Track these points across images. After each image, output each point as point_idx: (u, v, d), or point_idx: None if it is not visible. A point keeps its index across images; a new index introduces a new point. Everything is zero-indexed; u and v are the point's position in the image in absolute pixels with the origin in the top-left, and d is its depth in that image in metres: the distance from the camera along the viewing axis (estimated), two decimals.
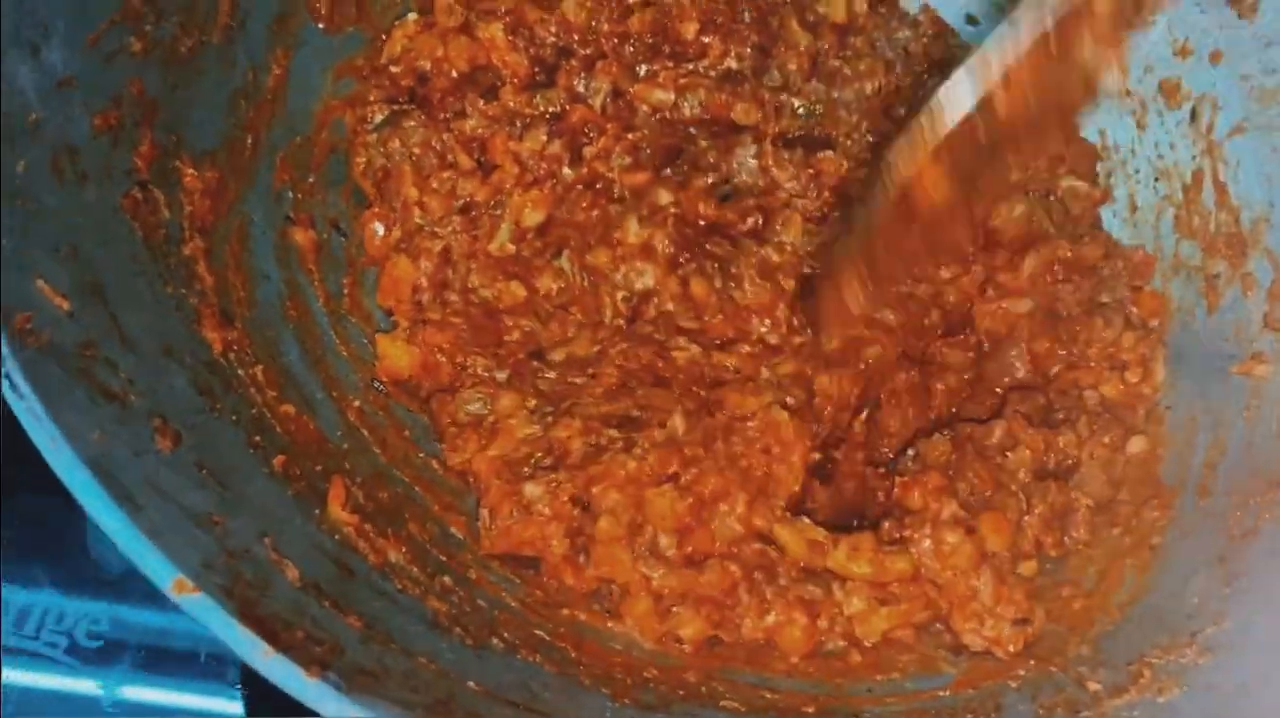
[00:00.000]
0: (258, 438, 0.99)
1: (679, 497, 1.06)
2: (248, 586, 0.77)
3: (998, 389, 1.27)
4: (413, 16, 1.34)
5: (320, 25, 1.29)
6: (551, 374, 1.16)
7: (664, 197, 1.25)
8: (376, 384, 1.18)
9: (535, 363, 1.18)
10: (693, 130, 1.33)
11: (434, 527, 1.08)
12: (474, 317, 1.19)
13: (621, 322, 1.21)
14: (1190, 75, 1.37)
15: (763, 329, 1.21)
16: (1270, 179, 1.27)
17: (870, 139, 1.38)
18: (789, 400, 1.14)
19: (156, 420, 0.87)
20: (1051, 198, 1.42)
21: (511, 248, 1.22)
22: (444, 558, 1.05)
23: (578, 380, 1.15)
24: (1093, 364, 1.27)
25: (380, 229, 1.24)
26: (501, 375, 1.17)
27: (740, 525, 1.08)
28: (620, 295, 1.21)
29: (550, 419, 1.12)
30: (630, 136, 1.29)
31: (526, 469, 1.09)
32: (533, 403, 1.13)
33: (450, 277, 1.22)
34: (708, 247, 1.22)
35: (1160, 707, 0.94)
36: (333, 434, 1.09)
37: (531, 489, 1.08)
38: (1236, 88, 1.32)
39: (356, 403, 1.15)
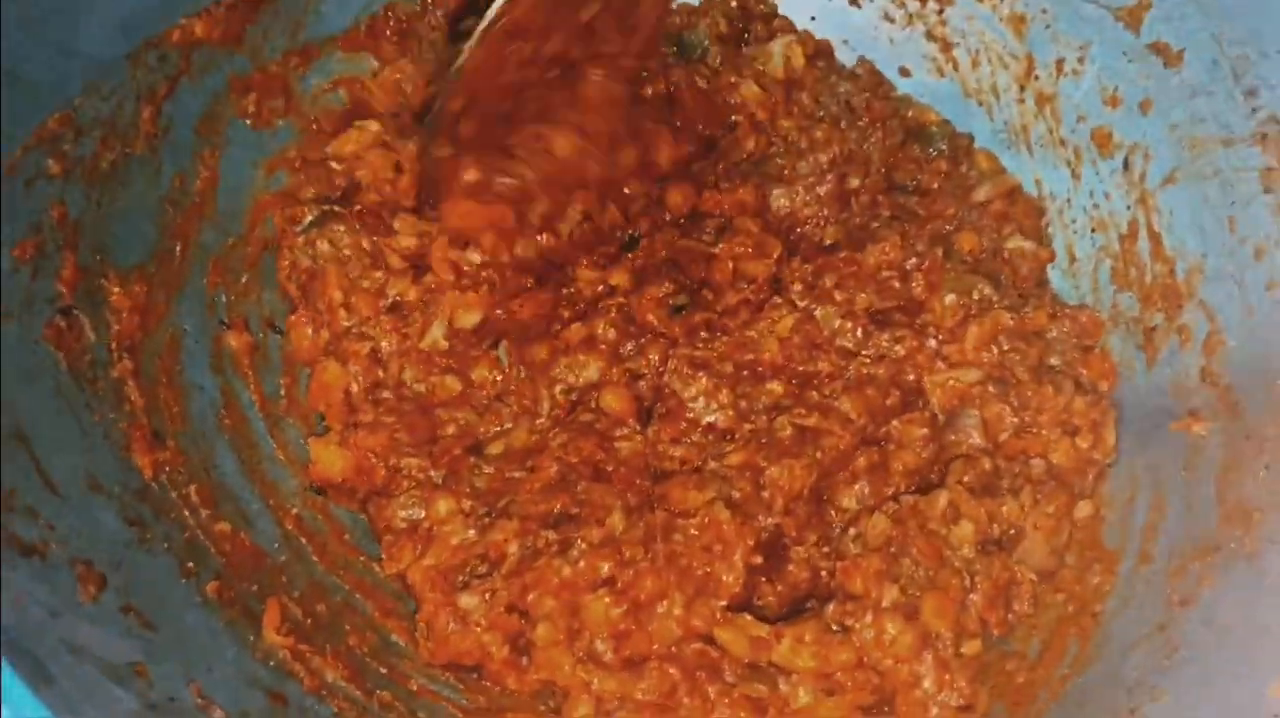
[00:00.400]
0: (190, 564, 0.99)
1: (614, 602, 1.06)
2: None
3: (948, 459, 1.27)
4: (375, 127, 1.33)
5: (248, 122, 1.28)
6: (489, 469, 1.16)
7: (617, 277, 1.26)
8: (313, 488, 1.18)
9: (472, 458, 1.17)
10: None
11: (374, 636, 1.09)
12: (407, 413, 1.19)
13: (560, 412, 1.20)
14: (1121, 124, 1.38)
15: (709, 417, 1.21)
16: (1203, 229, 1.28)
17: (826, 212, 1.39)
18: (734, 495, 1.13)
19: (80, 567, 0.87)
20: (999, 258, 1.43)
21: (445, 344, 1.22)
22: (384, 671, 1.05)
23: (516, 475, 1.15)
24: (1043, 431, 1.27)
25: (309, 332, 1.24)
26: (437, 475, 1.16)
27: (679, 628, 1.08)
28: (559, 389, 1.20)
29: (487, 521, 1.12)
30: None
31: (462, 578, 1.09)
32: (468, 504, 1.13)
33: (382, 376, 1.21)
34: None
35: None
36: (270, 547, 1.09)
37: (467, 600, 1.08)
38: (1166, 137, 1.32)
39: (294, 510, 1.15)
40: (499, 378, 1.22)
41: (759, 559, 1.12)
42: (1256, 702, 0.93)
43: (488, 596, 1.08)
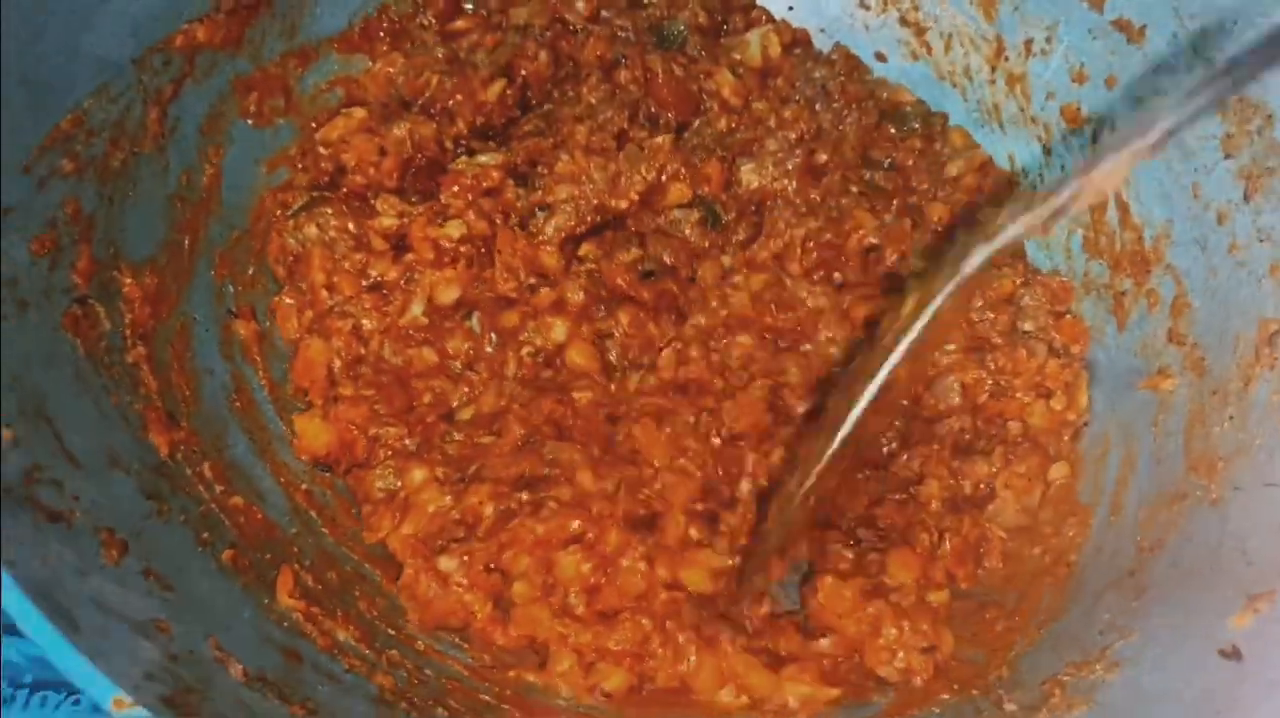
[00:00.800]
0: (206, 535, 1.05)
1: (584, 558, 1.12)
2: (189, 689, 0.83)
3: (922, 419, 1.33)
4: (360, 113, 1.39)
5: (250, 121, 1.34)
6: (459, 436, 1.21)
7: (585, 249, 1.32)
8: (319, 465, 1.23)
9: (444, 425, 1.22)
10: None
11: (383, 600, 1.14)
12: (385, 385, 1.24)
13: (525, 372, 1.26)
14: (1088, 99, 1.43)
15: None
16: (1169, 197, 1.33)
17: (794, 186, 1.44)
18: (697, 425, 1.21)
19: (103, 534, 0.93)
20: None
21: (424, 320, 1.28)
22: (392, 632, 1.11)
23: (484, 440, 1.20)
24: (1019, 394, 1.33)
25: (294, 312, 1.29)
26: (412, 443, 1.21)
27: (643, 581, 1.13)
28: (525, 351, 1.26)
29: (461, 487, 1.17)
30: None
31: (440, 543, 1.15)
32: (441, 472, 1.18)
33: (363, 352, 1.27)
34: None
35: None
36: (281, 520, 1.15)
37: (446, 563, 1.13)
38: (1131, 109, 1.38)
39: (304, 486, 1.20)
40: (471, 347, 1.27)
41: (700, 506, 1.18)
42: (1216, 633, 0.98)
43: (466, 557, 1.12)
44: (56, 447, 0.96)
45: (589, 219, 1.35)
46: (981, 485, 1.26)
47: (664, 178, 1.39)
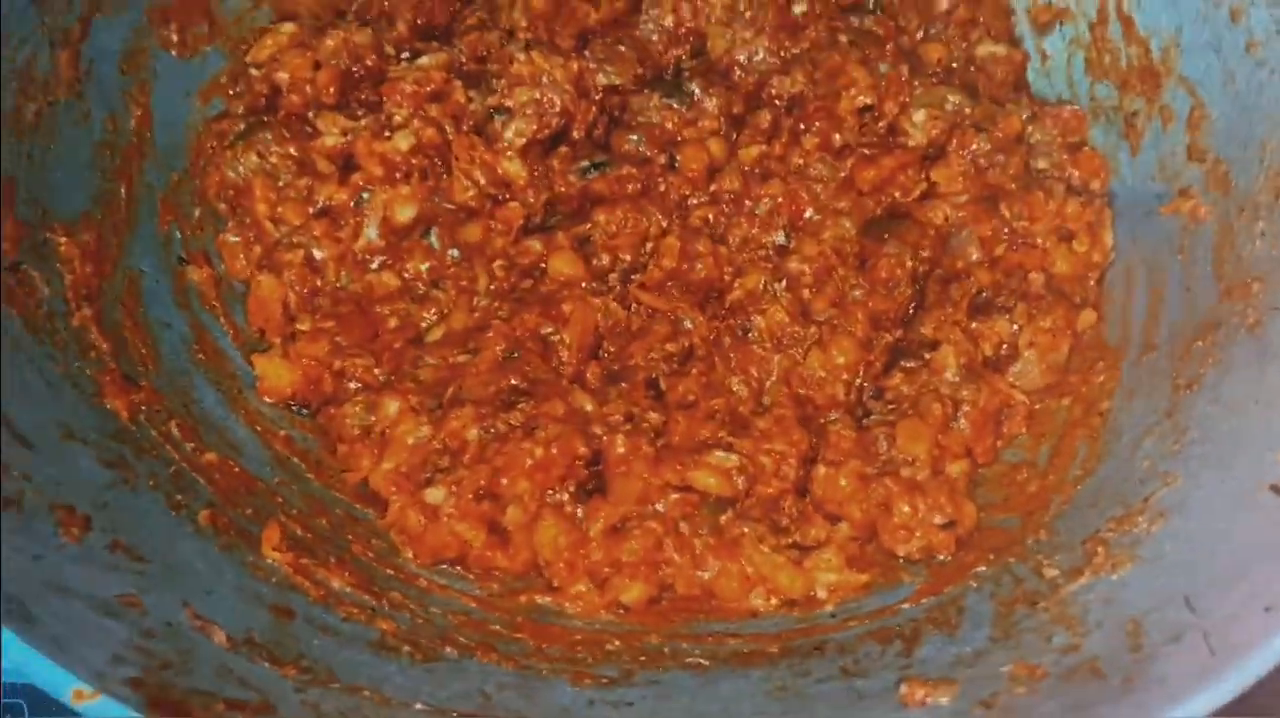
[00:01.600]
0: (179, 497, 0.99)
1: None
2: (164, 666, 0.78)
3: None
4: (290, 28, 1.28)
5: (173, 52, 1.25)
6: (431, 359, 1.13)
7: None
8: (296, 408, 1.16)
9: (413, 350, 1.14)
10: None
11: (380, 541, 1.08)
12: (345, 315, 1.16)
13: (500, 285, 1.18)
14: None
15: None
16: (1174, 0, 1.21)
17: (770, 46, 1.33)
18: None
19: (60, 512, 0.87)
20: (971, 68, 1.37)
21: (380, 242, 1.19)
22: (391, 572, 1.05)
23: (460, 359, 1.12)
24: (1039, 240, 1.23)
25: (240, 249, 1.21)
26: (382, 373, 1.13)
27: (639, 483, 1.06)
28: (498, 264, 1.18)
29: (438, 413, 1.09)
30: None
31: (425, 474, 1.07)
32: (416, 399, 1.10)
33: (319, 283, 1.19)
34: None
35: (1114, 585, 0.92)
36: (261, 471, 1.09)
37: (434, 494, 1.06)
38: None
39: (283, 432, 1.14)
40: (433, 265, 1.19)
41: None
42: (1264, 468, 0.90)
43: (454, 487, 1.05)
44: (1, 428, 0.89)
45: (553, 123, 1.25)
46: (1003, 346, 1.17)
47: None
